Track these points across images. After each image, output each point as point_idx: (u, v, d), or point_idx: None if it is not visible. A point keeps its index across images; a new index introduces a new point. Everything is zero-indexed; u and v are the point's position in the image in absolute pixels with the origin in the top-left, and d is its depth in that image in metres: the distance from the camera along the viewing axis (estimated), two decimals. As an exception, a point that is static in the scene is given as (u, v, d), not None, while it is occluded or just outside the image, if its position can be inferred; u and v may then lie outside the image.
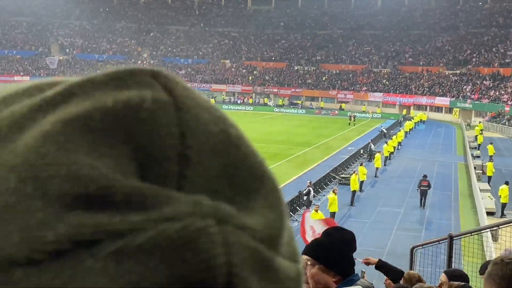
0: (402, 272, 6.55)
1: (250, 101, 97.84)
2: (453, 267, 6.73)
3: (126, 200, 0.35)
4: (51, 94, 0.40)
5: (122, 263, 0.34)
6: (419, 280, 6.26)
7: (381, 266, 6.59)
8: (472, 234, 7.33)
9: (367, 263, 6.83)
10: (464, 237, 7.51)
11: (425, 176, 29.76)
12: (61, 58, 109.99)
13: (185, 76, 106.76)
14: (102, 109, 0.38)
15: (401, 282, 6.21)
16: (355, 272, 3.01)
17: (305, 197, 25.57)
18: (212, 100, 77.11)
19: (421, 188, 28.94)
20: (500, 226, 8.24)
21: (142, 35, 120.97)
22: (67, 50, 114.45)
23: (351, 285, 2.84)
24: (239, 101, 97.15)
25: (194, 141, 0.39)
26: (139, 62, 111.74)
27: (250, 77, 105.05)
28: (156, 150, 0.38)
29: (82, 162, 0.35)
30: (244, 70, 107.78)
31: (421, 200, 28.99)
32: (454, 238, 7.08)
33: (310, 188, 25.92)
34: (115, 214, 0.35)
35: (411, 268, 8.18)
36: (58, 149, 0.36)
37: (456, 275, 5.95)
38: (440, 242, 7.74)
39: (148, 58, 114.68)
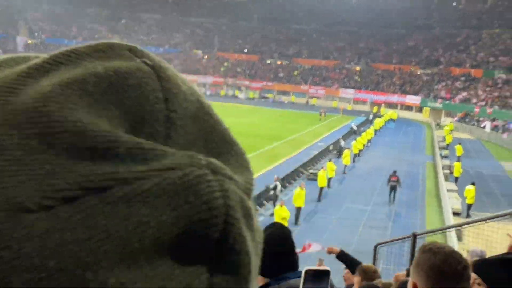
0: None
1: (222, 93, 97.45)
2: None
3: (129, 153, 0.40)
4: (38, 62, 0.45)
5: (131, 206, 0.38)
6: (375, 272, 6.25)
7: (343, 256, 6.68)
8: (436, 233, 7.30)
9: (330, 252, 6.92)
10: (428, 236, 7.47)
11: (394, 172, 30.55)
12: (29, 41, 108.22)
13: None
14: (95, 75, 0.42)
15: (356, 273, 6.24)
16: (297, 270, 2.84)
17: (271, 192, 25.49)
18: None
19: (391, 183, 29.71)
20: (463, 226, 8.24)
21: (114, 21, 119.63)
22: (36, 34, 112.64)
23: (275, 285, 2.69)
24: (208, 92, 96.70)
25: (177, 106, 0.45)
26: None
27: (222, 69, 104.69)
28: (146, 112, 0.43)
29: (85, 119, 0.39)
30: (216, 61, 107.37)
31: (390, 195, 29.61)
32: (418, 237, 7.03)
33: (277, 182, 25.84)
34: (121, 165, 0.39)
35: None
36: (61, 108, 0.39)
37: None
38: (404, 240, 7.70)
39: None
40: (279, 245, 2.65)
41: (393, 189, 29.52)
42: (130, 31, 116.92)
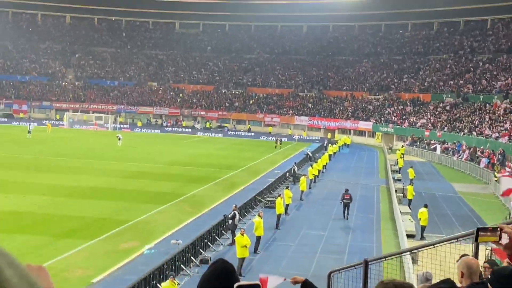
0: None
1: (184, 124, 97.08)
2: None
3: None
4: None
5: None
6: None
7: (307, 285, 6.66)
8: (387, 258, 7.40)
9: (294, 282, 6.90)
10: (381, 261, 7.58)
11: (347, 190, 32.24)
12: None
13: (112, 98, 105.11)
14: None
15: None
16: None
17: (230, 221, 25.42)
18: (140, 123, 75.13)
19: (344, 201, 31.58)
20: (414, 251, 8.37)
21: (67, 56, 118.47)
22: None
23: None
24: (166, 124, 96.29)
25: None
26: (64, 83, 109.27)
27: (177, 100, 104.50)
28: None
29: None
30: (171, 93, 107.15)
31: (344, 211, 31.48)
32: (370, 263, 7.13)
33: (235, 212, 25.79)
34: None
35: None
36: None
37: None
38: (356, 267, 7.79)
39: (73, 80, 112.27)
40: (222, 281, 2.69)
41: (346, 206, 31.35)
42: (85, 65, 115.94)
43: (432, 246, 6.37)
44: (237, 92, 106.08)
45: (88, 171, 42.51)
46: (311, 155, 56.88)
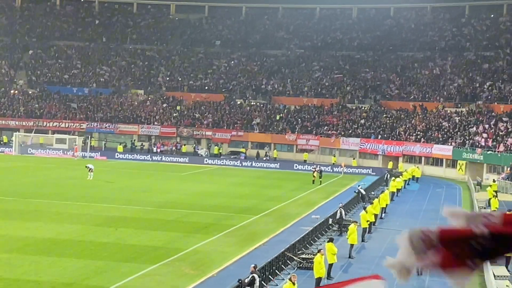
0: None
1: (184, 149, 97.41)
2: None
3: None
4: None
5: None
6: None
7: None
8: None
9: None
10: None
11: None
12: None
13: (80, 112, 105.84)
14: None
15: None
16: None
17: (248, 288, 25.28)
18: (120, 147, 76.13)
19: None
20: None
21: (17, 53, 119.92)
22: None
23: None
24: (156, 149, 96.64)
25: None
26: (12, 91, 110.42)
27: (173, 114, 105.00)
28: None
29: None
30: (165, 105, 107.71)
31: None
32: None
33: (254, 275, 25.66)
34: None
35: None
36: None
37: None
38: None
39: (25, 87, 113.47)
40: None
41: None
42: (42, 66, 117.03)
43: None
44: (258, 104, 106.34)
45: (45, 216, 42.62)
46: (364, 193, 56.54)
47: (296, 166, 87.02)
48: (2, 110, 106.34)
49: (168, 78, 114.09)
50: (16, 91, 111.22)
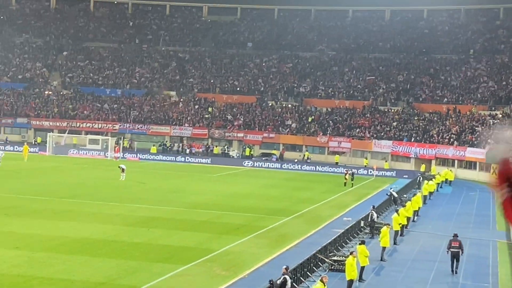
0: None
1: (215, 150, 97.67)
2: None
3: None
4: None
5: None
6: None
7: None
8: None
9: None
10: None
11: (455, 236, 33.75)
12: None
13: (113, 113, 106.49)
14: None
15: None
16: None
17: (279, 290, 25.24)
18: (153, 148, 76.80)
19: (452, 250, 33.01)
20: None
21: (51, 54, 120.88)
22: None
23: None
24: (188, 150, 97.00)
25: None
26: (46, 92, 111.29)
27: (205, 116, 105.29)
28: None
29: None
30: (196, 106, 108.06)
31: (452, 264, 32.84)
32: None
33: (286, 276, 25.63)
34: None
35: None
36: None
37: None
38: None
39: (59, 88, 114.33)
40: None
41: (454, 256, 32.83)
42: (75, 67, 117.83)
43: None
44: (289, 106, 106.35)
45: (78, 216, 42.93)
46: (396, 196, 56.37)
47: (326, 170, 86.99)
48: (36, 111, 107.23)
49: (200, 80, 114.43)
50: (50, 92, 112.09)
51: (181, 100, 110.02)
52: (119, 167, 66.73)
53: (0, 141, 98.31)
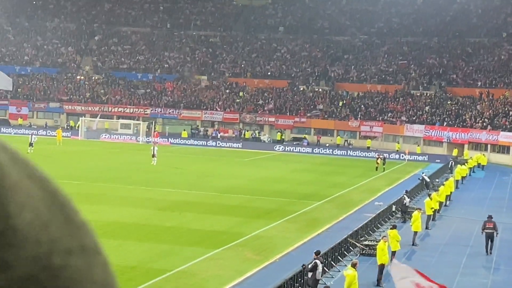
0: None
1: (247, 135, 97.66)
2: None
3: None
4: None
5: None
6: None
7: None
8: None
9: None
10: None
11: (490, 217, 34.13)
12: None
13: (145, 98, 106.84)
14: None
15: None
16: None
17: (309, 274, 25.23)
18: (184, 133, 76.66)
19: (486, 231, 33.58)
20: None
21: (83, 39, 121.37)
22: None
23: None
24: (219, 135, 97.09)
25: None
26: (78, 77, 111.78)
27: (236, 100, 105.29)
28: None
29: None
30: (228, 91, 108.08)
31: (486, 245, 33.43)
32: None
33: (317, 261, 25.59)
34: None
35: None
36: None
37: None
38: None
39: (91, 72, 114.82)
40: None
41: (489, 237, 33.38)
42: (107, 52, 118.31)
43: None
44: (321, 90, 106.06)
45: (110, 199, 43.18)
46: (428, 180, 56.09)
47: (358, 154, 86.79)
48: (68, 96, 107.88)
49: (231, 64, 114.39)
50: (82, 77, 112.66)
51: (212, 84, 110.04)
52: (151, 150, 66.64)
53: (33, 126, 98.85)
